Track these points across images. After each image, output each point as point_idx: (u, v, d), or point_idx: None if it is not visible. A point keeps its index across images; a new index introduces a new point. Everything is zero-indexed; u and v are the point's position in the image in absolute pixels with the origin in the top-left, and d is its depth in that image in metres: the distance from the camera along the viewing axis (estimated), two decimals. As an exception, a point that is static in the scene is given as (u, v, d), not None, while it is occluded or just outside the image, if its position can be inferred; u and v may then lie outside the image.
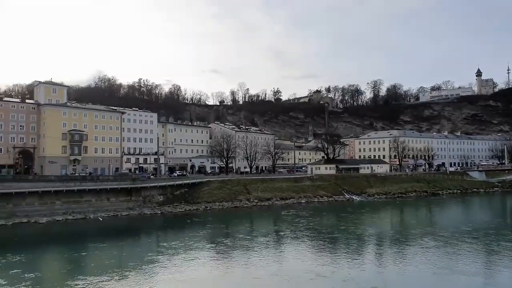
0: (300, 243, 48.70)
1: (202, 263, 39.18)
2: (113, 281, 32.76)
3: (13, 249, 43.40)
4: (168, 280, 33.70)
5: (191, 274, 35.52)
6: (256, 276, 34.84)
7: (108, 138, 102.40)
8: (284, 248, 46.53)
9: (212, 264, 39.35)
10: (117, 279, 33.44)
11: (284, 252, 44.17)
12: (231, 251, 44.50)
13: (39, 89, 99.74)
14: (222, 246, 46.94)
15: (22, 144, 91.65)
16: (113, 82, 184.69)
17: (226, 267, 38.05)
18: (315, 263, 39.03)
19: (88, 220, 63.87)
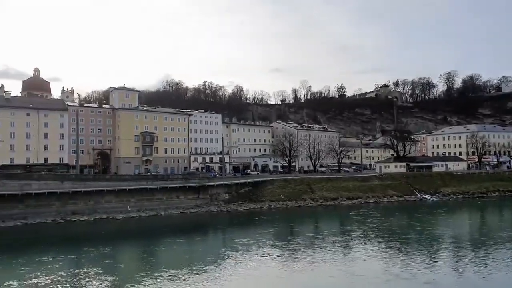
0: (373, 244, 46.70)
1: (272, 260, 39.14)
2: (185, 275, 33.79)
3: (101, 242, 46.93)
4: (239, 275, 34.15)
5: (261, 270, 35.70)
6: (331, 275, 34.15)
7: (177, 139, 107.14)
8: (356, 248, 44.80)
9: (283, 261, 39.12)
10: (189, 273, 34.50)
11: (357, 252, 42.47)
12: (301, 249, 43.95)
13: (113, 95, 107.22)
14: (291, 244, 46.55)
15: (100, 146, 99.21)
16: (180, 86, 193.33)
17: (298, 265, 37.50)
18: (392, 264, 37.15)
19: (159, 217, 67.01)
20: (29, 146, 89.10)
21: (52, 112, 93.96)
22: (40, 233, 53.97)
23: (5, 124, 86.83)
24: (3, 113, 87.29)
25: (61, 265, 37.17)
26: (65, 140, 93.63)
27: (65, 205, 65.18)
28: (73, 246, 45.66)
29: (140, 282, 32.03)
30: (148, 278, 32.88)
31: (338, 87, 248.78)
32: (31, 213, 61.34)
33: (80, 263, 38.22)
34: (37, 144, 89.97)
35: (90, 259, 39.51)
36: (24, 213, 61.19)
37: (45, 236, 51.72)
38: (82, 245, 44.96)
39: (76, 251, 42.58)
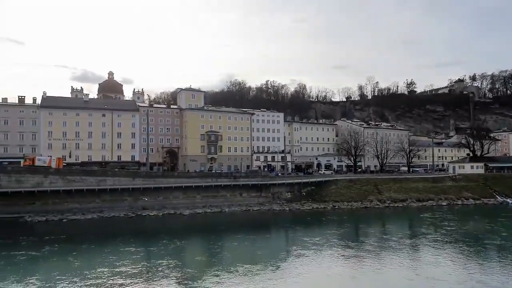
0: (453, 248, 43.31)
1: (344, 261, 37.91)
2: (255, 271, 33.88)
3: (175, 236, 48.97)
4: (312, 274, 33.61)
5: (334, 270, 34.90)
6: (409, 278, 32.43)
7: (240, 138, 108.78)
8: (433, 252, 41.54)
9: (356, 261, 37.66)
10: (258, 269, 34.58)
11: (434, 256, 39.45)
12: (374, 250, 42.22)
13: (181, 96, 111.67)
14: (362, 244, 44.97)
15: (168, 144, 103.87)
16: (243, 86, 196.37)
17: (374, 266, 35.97)
18: (476, 270, 34.19)
19: (223, 213, 68.26)
20: (104, 144, 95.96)
21: (124, 112, 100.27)
22: (116, 226, 57.63)
23: (84, 124, 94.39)
24: (82, 114, 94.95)
25: (142, 256, 39.42)
26: (136, 139, 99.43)
27: (136, 201, 69.07)
28: (150, 238, 47.91)
29: (216, 275, 32.60)
30: (225, 272, 33.47)
31: (408, 83, 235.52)
32: (106, 207, 65.81)
33: (159, 254, 39.98)
34: (111, 143, 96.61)
35: (168, 252, 41.43)
36: (100, 207, 65.85)
37: (122, 229, 55.08)
38: (158, 238, 47.09)
39: (154, 243, 44.53)
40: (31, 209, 61.70)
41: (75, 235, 49.51)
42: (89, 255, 39.81)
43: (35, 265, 35.91)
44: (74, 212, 63.15)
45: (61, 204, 63.95)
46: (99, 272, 33.24)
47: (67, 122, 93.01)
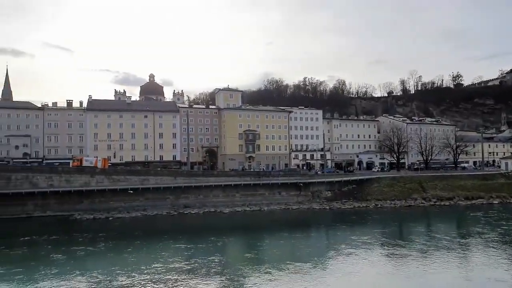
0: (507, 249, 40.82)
1: (388, 260, 37.08)
2: (298, 270, 33.80)
3: (222, 234, 50.13)
4: (354, 272, 33.20)
5: (386, 269, 34.28)
6: (467, 278, 31.40)
7: (278, 136, 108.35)
8: (492, 252, 39.49)
9: (410, 260, 36.64)
10: (301, 267, 34.48)
11: (493, 257, 37.57)
12: (427, 249, 40.80)
13: (219, 96, 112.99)
14: (411, 244, 43.61)
15: (208, 144, 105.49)
16: (280, 84, 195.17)
17: (427, 266, 34.95)
18: None
19: (262, 212, 68.30)
20: (147, 145, 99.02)
21: (165, 113, 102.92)
22: (161, 223, 59.37)
23: (127, 125, 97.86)
24: (126, 116, 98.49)
25: (192, 253, 40.41)
26: (177, 139, 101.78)
27: (178, 199, 70.65)
28: (197, 236, 48.82)
29: (268, 273, 32.83)
30: (276, 270, 33.73)
31: (454, 75, 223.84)
32: (149, 206, 67.86)
33: (208, 251, 41.08)
34: (154, 143, 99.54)
35: (215, 249, 42.51)
36: (144, 205, 67.99)
37: (167, 226, 56.87)
38: (204, 236, 48.14)
39: (202, 240, 45.47)
40: (79, 207, 64.83)
41: (125, 232, 51.59)
42: (143, 251, 41.38)
43: (94, 260, 37.84)
44: (119, 210, 65.65)
45: (107, 203, 66.70)
46: (154, 267, 34.49)
47: (111, 124, 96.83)
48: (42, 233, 49.23)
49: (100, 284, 30.35)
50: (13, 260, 36.99)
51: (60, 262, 36.69)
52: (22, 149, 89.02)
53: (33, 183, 65.04)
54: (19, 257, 38.57)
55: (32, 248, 42.47)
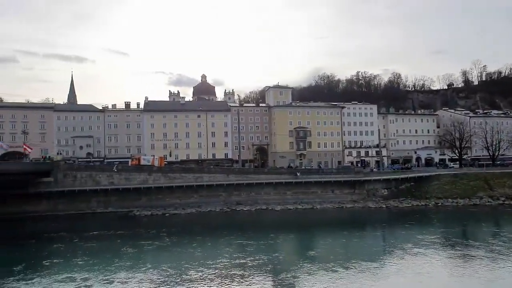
0: None
1: (453, 262, 35.00)
2: (353, 269, 33.09)
3: (280, 231, 50.66)
4: (424, 273, 31.89)
5: (440, 271, 32.79)
6: None
7: (330, 132, 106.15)
8: None
9: (477, 263, 34.46)
10: (354, 266, 33.68)
11: None
12: (502, 251, 38.06)
13: (269, 93, 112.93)
14: (480, 245, 40.89)
15: (258, 142, 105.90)
16: (331, 79, 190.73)
17: None
18: None
19: (315, 210, 67.19)
20: (200, 143, 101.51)
21: (217, 113, 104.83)
22: (216, 219, 60.52)
23: (182, 125, 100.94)
24: (180, 116, 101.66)
25: (254, 249, 40.74)
26: (228, 138, 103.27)
27: (230, 196, 71.64)
28: (256, 232, 49.36)
29: (334, 271, 32.40)
30: (341, 268, 33.33)
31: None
32: (203, 202, 69.43)
33: (270, 248, 41.52)
34: (207, 142, 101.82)
35: (276, 245, 42.99)
36: (198, 202, 69.69)
37: (223, 223, 58.00)
38: (264, 233, 48.60)
39: (263, 237, 45.83)
40: (138, 204, 67.83)
41: (185, 228, 53.40)
42: (207, 246, 42.61)
43: (163, 254, 39.48)
44: (175, 207, 67.83)
45: (163, 200, 69.26)
46: (219, 262, 35.34)
47: (166, 124, 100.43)
48: (108, 228, 52.32)
49: (171, 277, 31.29)
50: (89, 253, 39.61)
51: (131, 255, 38.62)
52: (86, 149, 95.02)
53: (96, 181, 69.14)
54: (94, 250, 41.16)
55: (104, 242, 45.06)
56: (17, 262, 35.81)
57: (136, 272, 32.57)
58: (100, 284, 29.73)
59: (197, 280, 30.65)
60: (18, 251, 40.45)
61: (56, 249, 41.81)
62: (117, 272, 32.59)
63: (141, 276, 31.65)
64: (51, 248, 42.16)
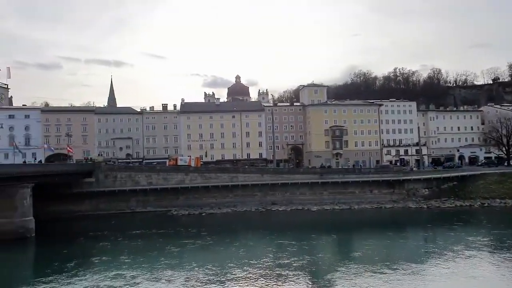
0: None
1: (497, 269, 32.63)
2: (400, 271, 32.01)
3: (320, 232, 49.98)
4: (469, 277, 30.37)
5: (485, 277, 30.59)
6: None
7: (367, 131, 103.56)
8: None
9: None
10: (401, 268, 32.58)
11: None
12: None
13: (303, 92, 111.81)
14: None
15: (293, 141, 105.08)
16: (368, 76, 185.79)
17: None
18: None
19: (352, 210, 65.65)
20: (235, 144, 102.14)
21: (251, 113, 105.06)
22: (252, 219, 60.49)
23: (217, 126, 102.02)
24: (215, 117, 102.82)
25: (298, 249, 40.25)
26: (263, 138, 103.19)
27: (265, 196, 71.40)
28: (296, 232, 48.91)
29: (381, 272, 31.56)
30: (386, 269, 32.33)
31: None
32: (238, 202, 69.63)
33: (313, 248, 41.30)
34: (241, 142, 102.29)
35: (320, 246, 42.79)
36: (234, 201, 69.97)
37: (260, 222, 58.16)
38: (303, 233, 48.23)
39: (305, 238, 45.32)
40: (175, 203, 69.08)
41: (224, 227, 53.75)
42: (249, 246, 42.69)
43: (206, 253, 39.93)
44: (211, 206, 68.48)
45: (200, 199, 70.16)
46: (263, 262, 35.24)
47: (202, 124, 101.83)
48: (149, 227, 53.51)
49: (216, 276, 31.35)
50: (135, 251, 40.63)
51: (176, 254, 39.19)
52: (125, 150, 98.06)
53: (135, 181, 71.10)
54: (139, 248, 42.16)
55: (147, 240, 45.98)
56: (69, 259, 37.35)
57: (181, 271, 32.85)
58: (148, 282, 30.17)
59: (243, 279, 30.53)
60: (69, 249, 42.10)
61: (103, 247, 43.23)
62: (163, 270, 33.00)
63: (187, 274, 31.83)
64: (98, 246, 43.61)
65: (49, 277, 31.77)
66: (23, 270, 36.80)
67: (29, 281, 31.47)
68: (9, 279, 32.74)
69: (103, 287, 29.12)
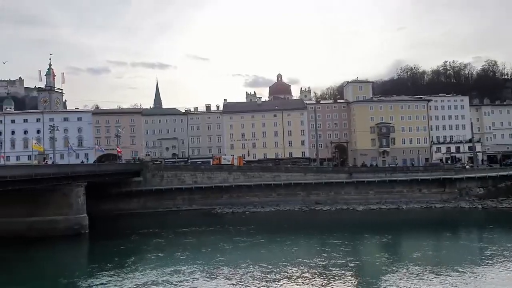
0: None
1: None
2: (457, 274, 30.35)
3: (360, 231, 48.76)
4: None
5: None
6: None
7: (415, 128, 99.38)
8: None
9: None
10: (443, 273, 30.64)
11: None
12: None
13: (347, 89, 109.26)
14: None
15: (337, 139, 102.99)
16: (415, 71, 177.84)
17: None
18: None
19: (400, 210, 63.14)
20: (276, 143, 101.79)
21: (293, 111, 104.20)
22: (297, 218, 59.52)
23: (258, 125, 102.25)
24: (257, 116, 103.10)
25: (352, 250, 39.55)
26: (305, 136, 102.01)
27: (309, 195, 70.49)
28: (346, 232, 47.64)
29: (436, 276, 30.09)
30: (448, 272, 30.83)
31: None
32: (281, 201, 69.23)
33: (367, 249, 40.64)
34: (283, 141, 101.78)
35: (370, 247, 41.85)
36: (277, 200, 69.70)
37: (306, 221, 57.20)
38: (356, 233, 47.21)
39: (357, 238, 44.53)
40: (219, 202, 69.94)
41: (271, 226, 53.72)
42: (301, 245, 42.40)
43: (259, 251, 39.89)
44: (254, 205, 68.66)
45: (243, 198, 70.56)
46: (317, 261, 34.58)
47: (244, 124, 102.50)
48: (197, 225, 54.50)
49: (271, 274, 31.06)
50: (190, 248, 41.39)
51: (229, 251, 39.52)
52: (171, 150, 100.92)
53: (181, 180, 72.83)
54: (193, 245, 42.86)
55: (199, 237, 46.67)
56: (126, 254, 38.93)
57: (237, 268, 32.87)
58: (206, 278, 30.45)
59: (298, 278, 30.06)
60: (124, 245, 43.72)
61: (157, 243, 44.25)
62: (219, 267, 33.22)
63: (243, 271, 31.78)
64: (152, 242, 44.69)
65: (112, 271, 32.92)
66: (84, 264, 38.40)
67: (93, 274, 32.68)
68: (72, 272, 34.17)
69: (162, 282, 29.63)
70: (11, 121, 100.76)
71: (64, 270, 35.01)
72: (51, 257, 40.24)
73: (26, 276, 33.08)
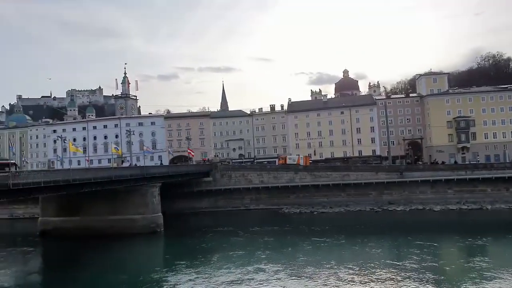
0: None
1: None
2: None
3: (445, 234, 46.40)
4: None
5: None
6: None
7: (500, 121, 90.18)
8: None
9: None
10: None
11: None
12: None
13: (420, 82, 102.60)
14: None
15: (410, 136, 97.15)
16: (498, 58, 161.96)
17: None
18: None
19: (484, 211, 58.11)
20: (344, 141, 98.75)
21: (361, 108, 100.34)
22: (373, 219, 57.55)
23: (325, 123, 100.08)
24: (322, 114, 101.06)
25: (434, 252, 37.35)
26: (375, 133, 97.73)
27: (380, 195, 67.46)
28: (429, 235, 44.38)
29: None
30: None
31: None
32: (351, 201, 66.93)
33: (448, 253, 38.98)
34: (351, 139, 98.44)
35: (453, 250, 39.85)
36: (346, 200, 67.53)
37: (381, 222, 55.12)
38: (435, 235, 44.50)
39: (435, 240, 41.90)
40: (286, 201, 69.60)
41: (347, 227, 52.08)
42: (385, 246, 41.02)
43: (340, 252, 39.23)
44: (322, 205, 67.22)
45: (310, 198, 69.41)
46: (404, 263, 32.89)
47: (310, 123, 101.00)
48: (268, 224, 54.79)
49: (358, 275, 30.15)
50: (271, 247, 41.57)
51: (310, 251, 38.99)
52: (238, 151, 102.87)
53: (248, 180, 73.82)
54: (272, 244, 42.98)
55: (276, 237, 46.45)
56: (208, 252, 40.39)
57: (321, 268, 32.15)
58: (290, 277, 30.14)
59: (388, 280, 28.59)
60: (204, 243, 45.26)
61: (235, 242, 44.85)
62: (303, 267, 32.67)
63: (327, 272, 30.96)
64: (230, 241, 45.33)
65: (198, 268, 33.75)
66: (170, 260, 39.39)
67: (180, 270, 33.84)
68: (153, 268, 35.77)
69: (247, 280, 29.77)
70: (93, 127, 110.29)
71: (152, 266, 36.91)
72: (133, 252, 43.03)
73: (112, 271, 35.09)
